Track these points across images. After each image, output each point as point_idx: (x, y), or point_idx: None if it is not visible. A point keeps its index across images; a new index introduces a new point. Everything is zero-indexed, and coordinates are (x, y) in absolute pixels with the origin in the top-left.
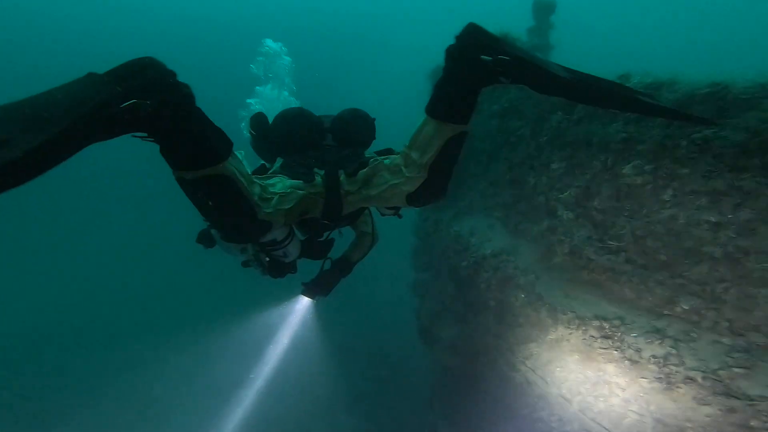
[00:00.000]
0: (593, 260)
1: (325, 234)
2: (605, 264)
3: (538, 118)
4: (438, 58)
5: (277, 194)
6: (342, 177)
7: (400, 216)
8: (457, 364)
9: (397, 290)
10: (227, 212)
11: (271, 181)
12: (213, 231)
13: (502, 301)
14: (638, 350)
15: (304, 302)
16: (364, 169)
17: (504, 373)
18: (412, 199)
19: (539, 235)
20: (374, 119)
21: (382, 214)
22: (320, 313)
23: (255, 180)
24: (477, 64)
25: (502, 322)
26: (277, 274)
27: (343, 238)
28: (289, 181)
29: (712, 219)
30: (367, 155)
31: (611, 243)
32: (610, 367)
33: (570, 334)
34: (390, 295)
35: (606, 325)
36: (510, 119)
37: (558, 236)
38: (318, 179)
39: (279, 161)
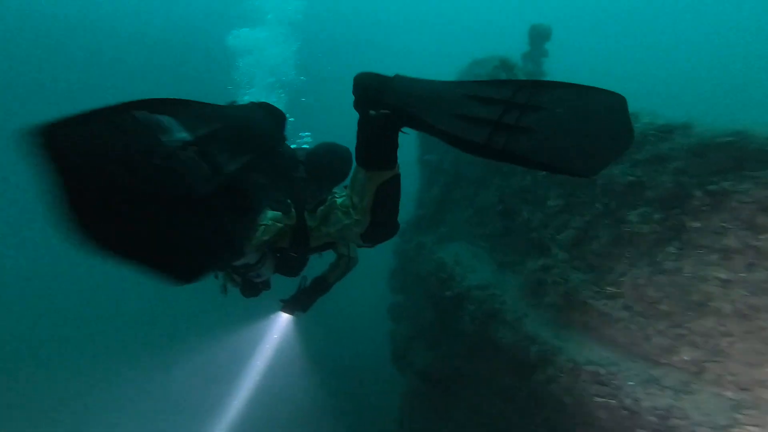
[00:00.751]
0: (589, 304)
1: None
2: (601, 309)
3: None
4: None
5: (262, 226)
6: (305, 212)
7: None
8: (427, 390)
9: (373, 307)
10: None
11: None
12: None
13: (484, 335)
14: (636, 400)
15: (283, 317)
16: (322, 207)
17: (476, 404)
18: (365, 239)
19: (531, 273)
20: (351, 154)
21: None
22: (298, 326)
23: None
24: (369, 119)
25: (481, 355)
26: (251, 293)
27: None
28: (271, 213)
29: (722, 276)
30: (335, 190)
31: (609, 288)
32: (603, 413)
33: (560, 377)
34: (366, 312)
35: (601, 371)
36: None
37: (552, 276)
38: (293, 212)
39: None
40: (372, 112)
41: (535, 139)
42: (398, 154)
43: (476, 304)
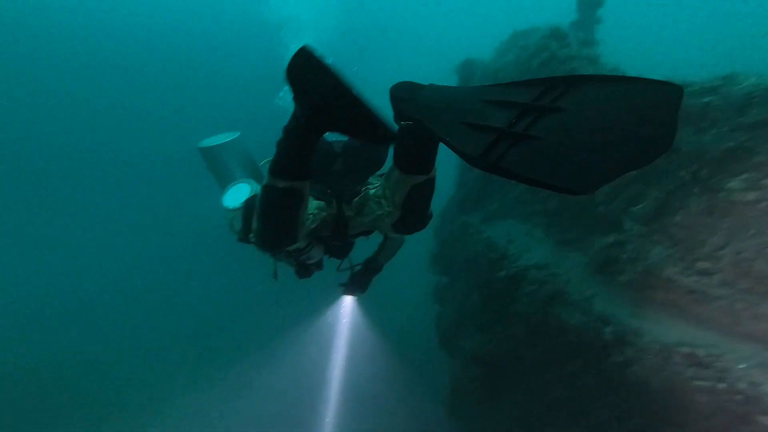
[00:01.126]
0: (675, 281)
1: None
2: (692, 286)
3: None
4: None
5: (310, 215)
6: (343, 204)
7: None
8: (479, 375)
9: (415, 291)
10: (278, 226)
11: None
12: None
13: (546, 318)
14: (754, 384)
15: (347, 300)
16: (357, 198)
17: (534, 389)
18: (397, 229)
19: (600, 250)
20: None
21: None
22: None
23: None
24: (401, 129)
25: (541, 339)
26: (305, 274)
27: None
28: (316, 202)
29: None
30: (370, 179)
31: (701, 264)
32: (703, 398)
33: (644, 359)
34: (408, 296)
35: (699, 352)
36: None
37: (628, 253)
38: (333, 203)
39: None
40: (402, 123)
41: (533, 151)
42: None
43: (536, 284)
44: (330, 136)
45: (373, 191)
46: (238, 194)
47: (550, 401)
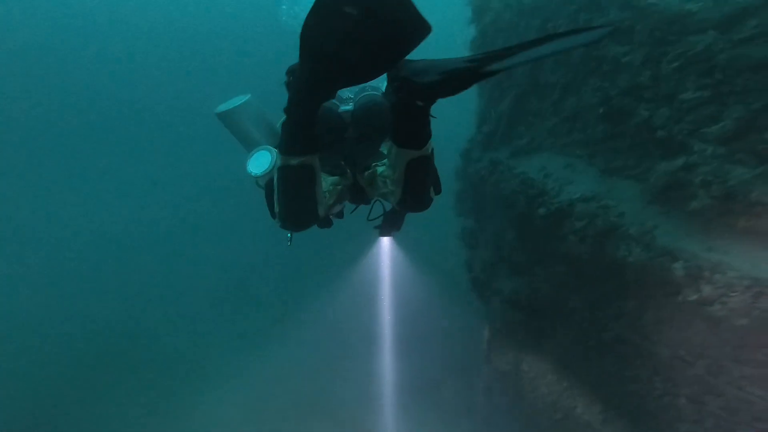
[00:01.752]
0: (765, 203)
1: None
2: None
3: (659, 41)
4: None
5: (326, 193)
6: (356, 174)
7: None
8: (519, 319)
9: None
10: (297, 206)
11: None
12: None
13: (599, 255)
14: None
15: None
16: (367, 172)
17: (584, 331)
18: (400, 207)
19: (664, 175)
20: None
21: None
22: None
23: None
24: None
25: (589, 278)
26: (325, 225)
27: None
28: (330, 178)
29: None
30: (382, 150)
31: None
32: None
33: (727, 296)
34: (433, 240)
35: None
36: (606, 45)
37: (701, 175)
38: (348, 173)
39: None
40: (394, 84)
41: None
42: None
43: (585, 219)
44: (335, 106)
45: (381, 169)
46: (261, 161)
47: (598, 343)
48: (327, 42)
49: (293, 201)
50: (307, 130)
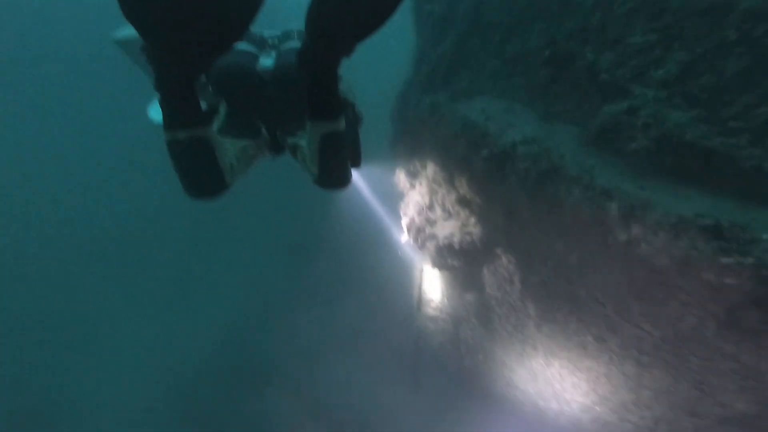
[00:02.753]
0: (695, 144)
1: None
2: (716, 147)
3: None
4: None
5: (234, 159)
6: (277, 133)
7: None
8: (451, 264)
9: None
10: (200, 179)
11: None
12: None
13: (540, 196)
14: None
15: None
16: (291, 140)
17: (510, 274)
18: (319, 185)
19: (605, 118)
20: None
21: None
22: None
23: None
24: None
25: (528, 220)
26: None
27: None
28: (239, 143)
29: None
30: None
31: (731, 123)
32: (731, 278)
33: (651, 235)
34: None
35: (724, 223)
36: None
37: (641, 119)
38: (263, 134)
39: (223, 107)
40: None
41: None
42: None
43: (528, 161)
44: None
45: (303, 142)
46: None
47: (523, 287)
48: (154, 14)
49: (192, 175)
50: (184, 103)
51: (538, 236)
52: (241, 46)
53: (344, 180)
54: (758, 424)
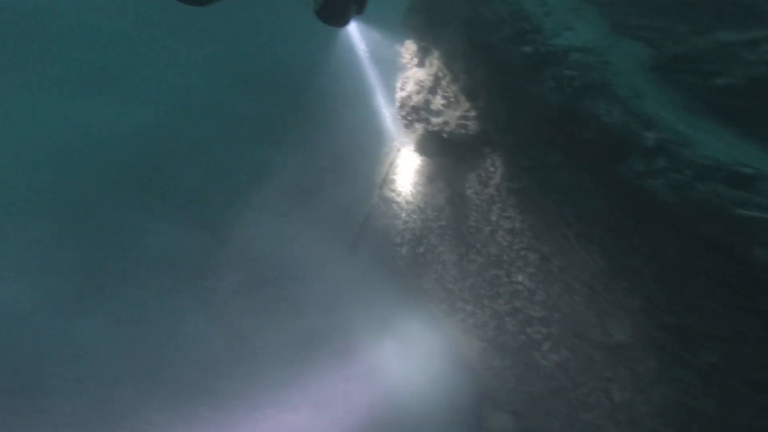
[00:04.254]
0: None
1: None
2: None
3: None
4: None
5: None
6: None
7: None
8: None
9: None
10: None
11: None
12: None
13: (574, 109)
14: None
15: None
16: None
17: (487, 172)
18: (319, 15)
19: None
20: None
21: None
22: None
23: None
24: None
25: (532, 121)
26: None
27: None
28: None
29: None
30: None
31: None
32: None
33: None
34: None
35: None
36: None
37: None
38: None
39: None
40: None
41: None
42: None
43: (578, 70)
44: None
45: None
46: None
47: (511, 190)
48: None
49: None
50: None
51: (534, 145)
52: None
53: (344, 16)
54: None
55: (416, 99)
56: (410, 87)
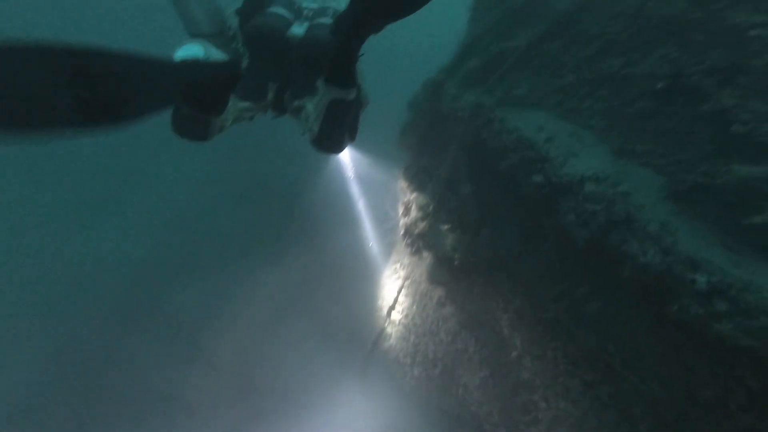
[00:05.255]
0: None
1: None
2: None
3: None
4: None
5: (230, 120)
6: (285, 95)
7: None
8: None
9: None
10: (187, 132)
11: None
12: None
13: (602, 247)
14: None
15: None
16: (297, 102)
17: (506, 299)
18: (313, 144)
19: (736, 179)
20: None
21: None
22: None
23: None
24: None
25: (554, 255)
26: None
27: None
28: (242, 104)
29: None
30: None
31: None
32: None
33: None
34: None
35: None
36: (727, 9)
37: None
38: (270, 95)
39: (245, 60)
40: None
41: None
42: None
43: (600, 203)
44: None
45: (310, 105)
46: (188, 51)
47: (537, 319)
48: None
49: (181, 126)
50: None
51: (556, 275)
52: (279, 10)
53: (339, 146)
54: None
55: (421, 226)
56: (414, 213)
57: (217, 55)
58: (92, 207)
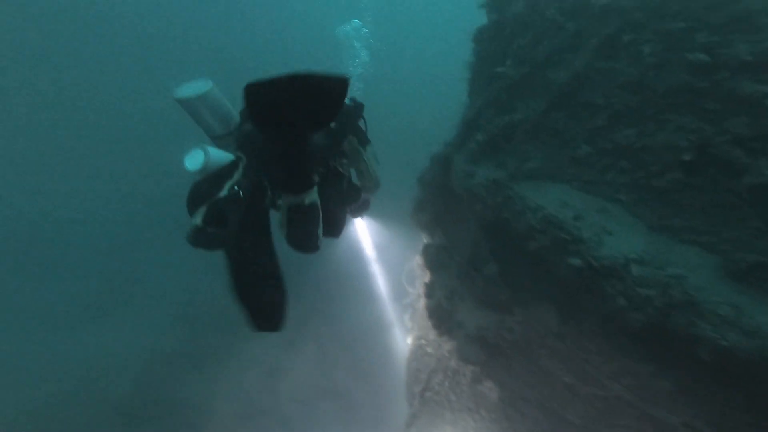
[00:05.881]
0: None
1: None
2: None
3: None
4: None
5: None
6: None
7: None
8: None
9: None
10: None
11: None
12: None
13: (662, 330)
14: None
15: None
16: (280, 200)
17: (547, 381)
18: (288, 243)
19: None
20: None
21: None
22: None
23: None
24: None
25: (645, 354)
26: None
27: None
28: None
29: None
30: None
31: None
32: None
33: None
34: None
35: None
36: (735, 78)
37: None
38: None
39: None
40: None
41: None
42: None
43: (653, 288)
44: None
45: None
46: (195, 159)
47: (590, 396)
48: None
49: (201, 244)
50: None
51: (610, 354)
52: None
53: (309, 247)
54: None
55: (446, 305)
56: (437, 292)
57: (223, 157)
58: (93, 305)
